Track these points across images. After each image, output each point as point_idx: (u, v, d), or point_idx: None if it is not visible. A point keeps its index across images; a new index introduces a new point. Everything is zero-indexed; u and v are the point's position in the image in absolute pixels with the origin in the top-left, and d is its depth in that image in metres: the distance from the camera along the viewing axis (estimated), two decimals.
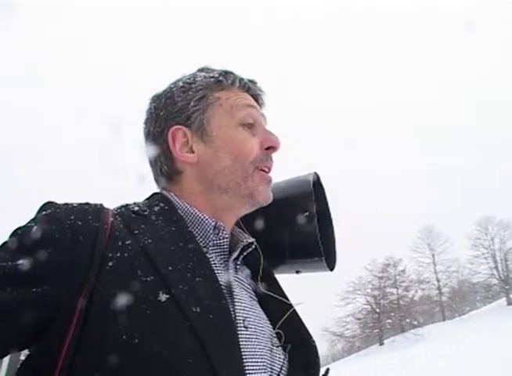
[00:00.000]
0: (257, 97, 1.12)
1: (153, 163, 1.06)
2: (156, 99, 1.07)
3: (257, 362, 0.84)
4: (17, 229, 0.79)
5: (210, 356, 0.72)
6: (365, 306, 47.63)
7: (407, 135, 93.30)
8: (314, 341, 0.99)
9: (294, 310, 1.01)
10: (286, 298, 1.03)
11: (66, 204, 0.84)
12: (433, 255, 51.10)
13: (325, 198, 1.30)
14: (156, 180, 1.08)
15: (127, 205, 0.95)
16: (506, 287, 43.46)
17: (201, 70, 1.10)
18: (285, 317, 0.97)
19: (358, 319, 47.68)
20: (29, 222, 0.80)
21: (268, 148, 1.03)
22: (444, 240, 50.81)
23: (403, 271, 49.14)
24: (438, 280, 50.71)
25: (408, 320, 45.13)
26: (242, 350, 0.79)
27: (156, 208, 0.94)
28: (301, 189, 1.20)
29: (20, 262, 0.72)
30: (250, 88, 1.09)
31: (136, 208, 0.93)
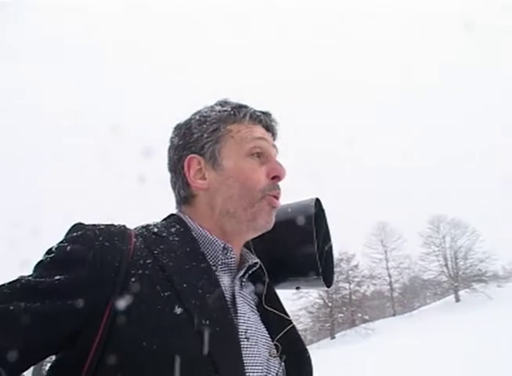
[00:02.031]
0: (269, 128, 1.20)
1: (173, 186, 1.18)
2: (178, 129, 1.19)
3: (257, 369, 0.96)
4: (51, 249, 0.91)
5: (217, 363, 0.85)
6: (318, 300, 47.92)
7: (365, 133, 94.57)
8: (308, 353, 1.10)
9: (293, 325, 1.11)
10: (286, 314, 1.13)
11: (94, 226, 0.96)
12: (385, 252, 52.01)
13: (325, 221, 1.40)
14: (176, 201, 1.19)
15: (147, 226, 1.07)
16: (455, 284, 44.59)
17: (219, 103, 1.19)
18: (284, 331, 1.07)
19: (311, 312, 47.98)
20: (62, 242, 0.92)
21: (273, 177, 1.13)
22: (397, 236, 51.83)
23: (356, 266, 49.76)
24: (389, 276, 51.64)
25: (359, 315, 45.64)
26: (244, 358, 0.92)
27: (172, 229, 1.07)
28: (303, 214, 1.30)
29: (57, 277, 0.84)
30: (261, 121, 1.17)
31: (156, 230, 1.05)
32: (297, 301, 45.88)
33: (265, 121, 1.18)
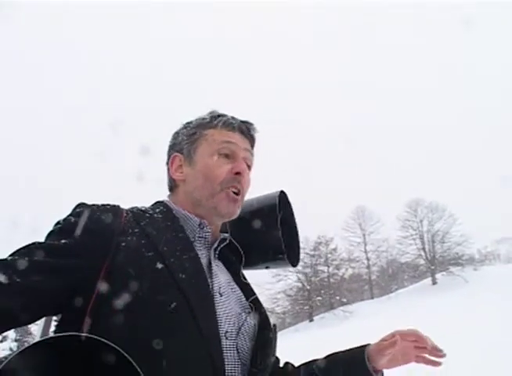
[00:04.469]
0: (246, 135, 1.39)
1: (167, 177, 1.42)
2: (172, 135, 1.44)
3: (228, 320, 1.16)
4: (59, 221, 1.13)
5: (194, 309, 1.06)
6: (297, 283, 48.23)
7: (342, 119, 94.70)
8: (266, 312, 1.32)
9: (257, 296, 1.34)
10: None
11: (94, 204, 1.17)
12: (364, 235, 52.59)
13: (291, 209, 1.65)
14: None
15: (136, 207, 1.29)
16: (432, 267, 45.27)
17: (210, 113, 1.41)
18: (254, 297, 1.31)
19: (289, 295, 48.23)
20: (68, 216, 1.14)
21: (236, 173, 1.31)
22: (375, 220, 52.33)
23: (334, 249, 50.25)
24: (367, 259, 52.31)
25: (337, 298, 46.04)
26: (216, 309, 1.14)
27: (157, 209, 1.29)
28: (268, 204, 1.55)
29: (63, 241, 1.06)
30: (234, 127, 1.36)
31: (143, 209, 1.28)
32: (276, 284, 46.06)
33: (238, 127, 1.36)
